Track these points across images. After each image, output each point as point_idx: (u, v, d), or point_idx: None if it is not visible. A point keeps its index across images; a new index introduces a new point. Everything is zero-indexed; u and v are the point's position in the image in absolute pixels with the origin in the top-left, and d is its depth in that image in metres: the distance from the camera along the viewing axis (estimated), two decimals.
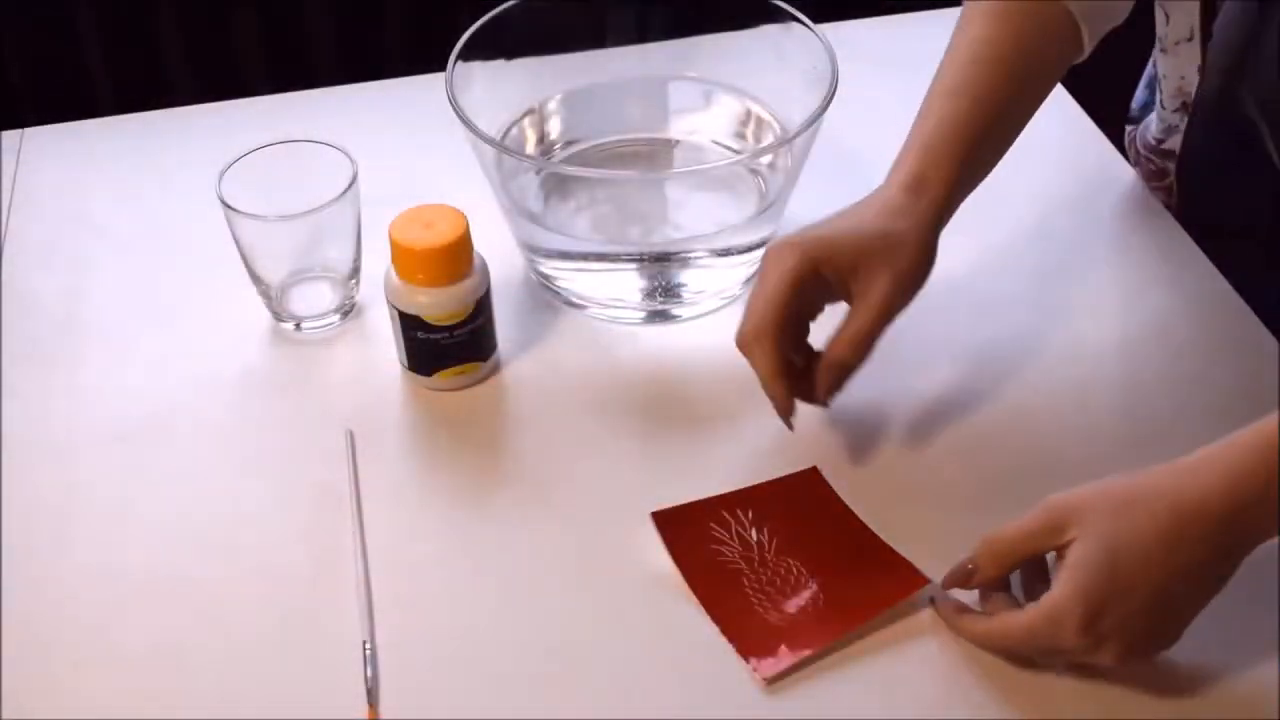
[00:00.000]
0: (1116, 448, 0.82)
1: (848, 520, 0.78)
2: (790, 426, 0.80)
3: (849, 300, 0.78)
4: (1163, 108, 0.94)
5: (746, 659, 0.71)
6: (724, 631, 0.73)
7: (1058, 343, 0.90)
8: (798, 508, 0.79)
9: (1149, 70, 1.00)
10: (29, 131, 1.08)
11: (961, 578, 0.72)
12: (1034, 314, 0.92)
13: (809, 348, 0.80)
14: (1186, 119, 0.91)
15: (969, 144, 0.80)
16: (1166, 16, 0.89)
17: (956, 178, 0.80)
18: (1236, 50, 0.85)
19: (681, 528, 0.77)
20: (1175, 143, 0.94)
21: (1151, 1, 0.88)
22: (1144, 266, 0.95)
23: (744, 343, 0.78)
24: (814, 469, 0.81)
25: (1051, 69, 0.84)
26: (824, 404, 0.79)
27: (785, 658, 0.71)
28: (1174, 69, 0.91)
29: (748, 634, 0.73)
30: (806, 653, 0.71)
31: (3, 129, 1.07)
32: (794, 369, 0.79)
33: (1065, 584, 0.66)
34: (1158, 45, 0.93)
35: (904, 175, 0.80)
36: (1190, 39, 0.87)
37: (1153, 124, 0.96)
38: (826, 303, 0.79)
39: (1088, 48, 0.85)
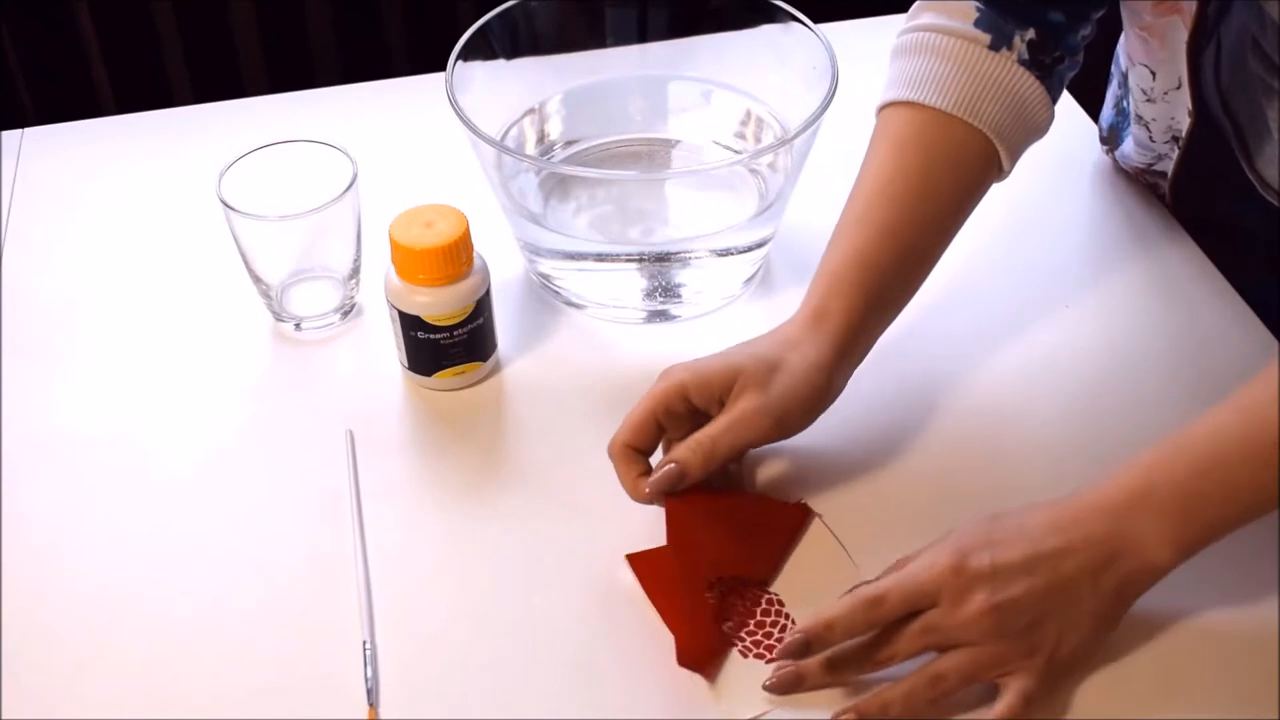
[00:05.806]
0: (1113, 447, 0.82)
1: (721, 500, 0.78)
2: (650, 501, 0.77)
3: None
4: (1151, 141, 0.93)
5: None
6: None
7: (1054, 341, 0.90)
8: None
9: (1114, 90, 1.00)
10: (29, 131, 1.08)
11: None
12: (1029, 312, 0.92)
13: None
14: (1179, 148, 0.91)
15: (873, 274, 0.79)
16: (1153, 73, 0.89)
17: (860, 309, 0.78)
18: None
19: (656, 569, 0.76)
20: (1167, 165, 0.93)
21: (1116, 4, 0.87)
22: (1142, 265, 0.95)
23: (610, 452, 0.78)
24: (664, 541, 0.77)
25: (967, 193, 0.83)
26: (645, 498, 0.76)
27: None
28: (1163, 114, 0.90)
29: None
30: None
31: (3, 129, 1.08)
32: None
33: (940, 539, 0.70)
34: (1141, 95, 0.92)
35: (808, 308, 0.79)
36: (1179, 87, 0.87)
37: (1133, 155, 0.95)
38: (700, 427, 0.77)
39: (1009, 168, 0.84)
